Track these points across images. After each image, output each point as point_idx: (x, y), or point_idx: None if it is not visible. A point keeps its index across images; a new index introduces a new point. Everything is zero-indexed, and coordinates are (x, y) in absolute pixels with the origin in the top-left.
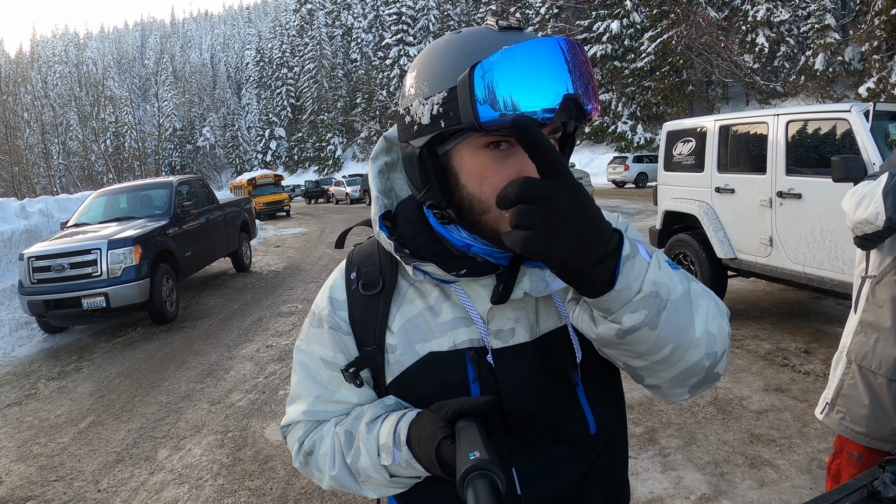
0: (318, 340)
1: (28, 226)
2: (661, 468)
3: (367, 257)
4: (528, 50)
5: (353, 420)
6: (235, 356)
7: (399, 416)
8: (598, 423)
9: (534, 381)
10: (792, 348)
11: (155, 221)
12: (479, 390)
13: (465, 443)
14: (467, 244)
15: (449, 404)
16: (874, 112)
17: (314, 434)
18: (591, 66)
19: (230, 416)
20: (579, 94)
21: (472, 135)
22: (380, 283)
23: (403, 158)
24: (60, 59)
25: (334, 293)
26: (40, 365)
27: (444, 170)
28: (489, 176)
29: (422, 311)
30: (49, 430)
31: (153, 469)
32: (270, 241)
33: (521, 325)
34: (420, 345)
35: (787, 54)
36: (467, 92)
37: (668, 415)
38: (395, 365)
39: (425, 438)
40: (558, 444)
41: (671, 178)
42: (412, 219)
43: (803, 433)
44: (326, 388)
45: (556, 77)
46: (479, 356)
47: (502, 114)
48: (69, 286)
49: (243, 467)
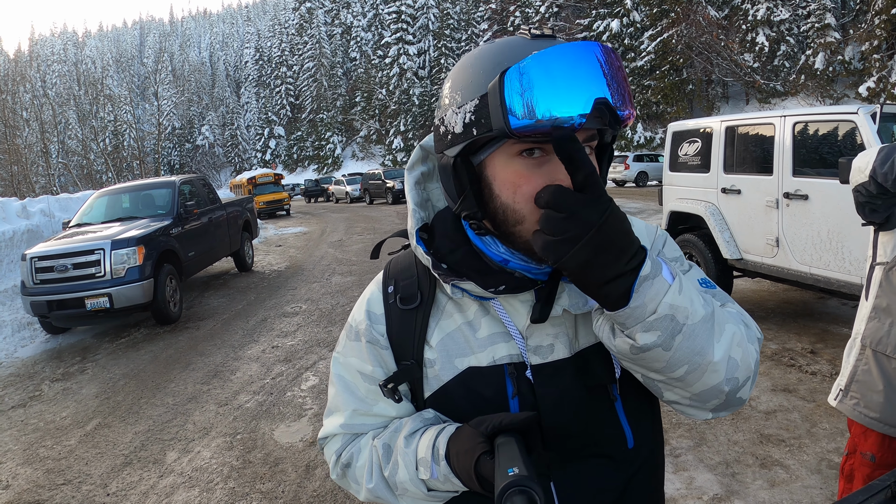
0: (355, 353)
1: (29, 226)
2: (672, 468)
3: (404, 270)
4: (559, 54)
5: (392, 433)
6: (241, 357)
7: (438, 431)
8: (636, 438)
9: (572, 397)
10: (798, 348)
11: (158, 221)
12: (518, 406)
13: (504, 459)
14: (505, 259)
15: (488, 419)
16: (881, 114)
17: (352, 447)
18: (625, 72)
19: (238, 417)
20: (613, 98)
21: (506, 143)
22: (418, 297)
23: (439, 168)
24: (59, 57)
25: (372, 307)
26: (44, 366)
27: (479, 180)
28: (522, 185)
29: (460, 325)
30: (55, 433)
31: (162, 472)
32: (271, 240)
33: (560, 340)
34: (459, 360)
35: (788, 53)
36: (497, 98)
37: (677, 416)
38: (433, 379)
39: (464, 453)
40: (596, 458)
41: (677, 178)
42: (449, 232)
43: (812, 433)
44: (364, 401)
45: (587, 81)
46: (518, 371)
47: (537, 120)
48: (72, 287)
49: (254, 470)
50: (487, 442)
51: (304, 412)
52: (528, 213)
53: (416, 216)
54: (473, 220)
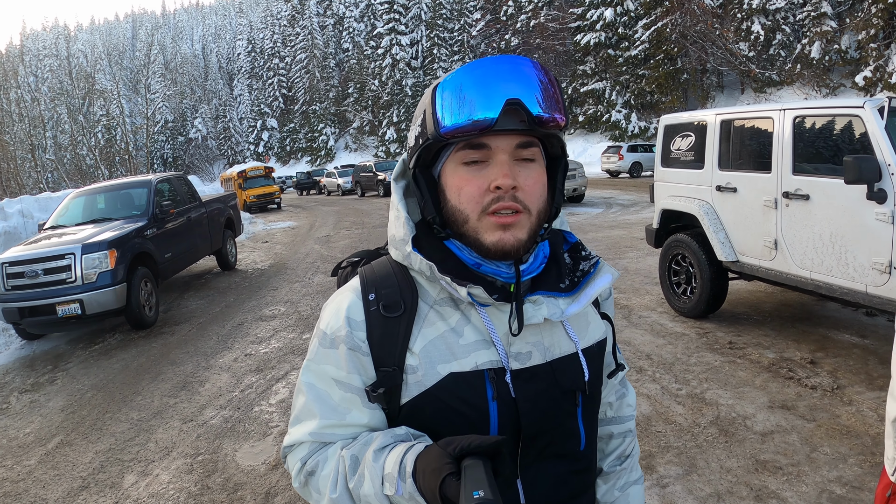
0: (331, 361)
1: (6, 227)
2: (658, 501)
3: (383, 279)
4: (477, 66)
5: (362, 446)
6: (212, 366)
7: (407, 448)
8: (587, 441)
9: (545, 400)
10: (797, 358)
11: (132, 223)
12: (497, 408)
13: (471, 481)
14: (477, 263)
15: (457, 441)
16: (889, 108)
17: (318, 455)
18: (550, 81)
19: (201, 435)
20: (527, 100)
21: (452, 152)
22: (401, 305)
23: (411, 181)
24: (50, 52)
25: (352, 314)
26: (14, 376)
27: (436, 189)
28: (464, 187)
29: (444, 332)
30: (17, 451)
31: (118, 498)
32: (259, 236)
33: (537, 348)
34: (442, 366)
35: (783, 42)
36: (431, 107)
37: (666, 437)
38: (413, 385)
39: (430, 473)
40: (556, 457)
41: (669, 174)
42: (433, 239)
43: (812, 459)
44: (336, 409)
45: (501, 86)
46: (498, 376)
47: (459, 123)
48: (43, 293)
49: (211, 497)
50: (455, 463)
51: (269, 430)
52: (470, 212)
53: (408, 225)
54: (434, 226)
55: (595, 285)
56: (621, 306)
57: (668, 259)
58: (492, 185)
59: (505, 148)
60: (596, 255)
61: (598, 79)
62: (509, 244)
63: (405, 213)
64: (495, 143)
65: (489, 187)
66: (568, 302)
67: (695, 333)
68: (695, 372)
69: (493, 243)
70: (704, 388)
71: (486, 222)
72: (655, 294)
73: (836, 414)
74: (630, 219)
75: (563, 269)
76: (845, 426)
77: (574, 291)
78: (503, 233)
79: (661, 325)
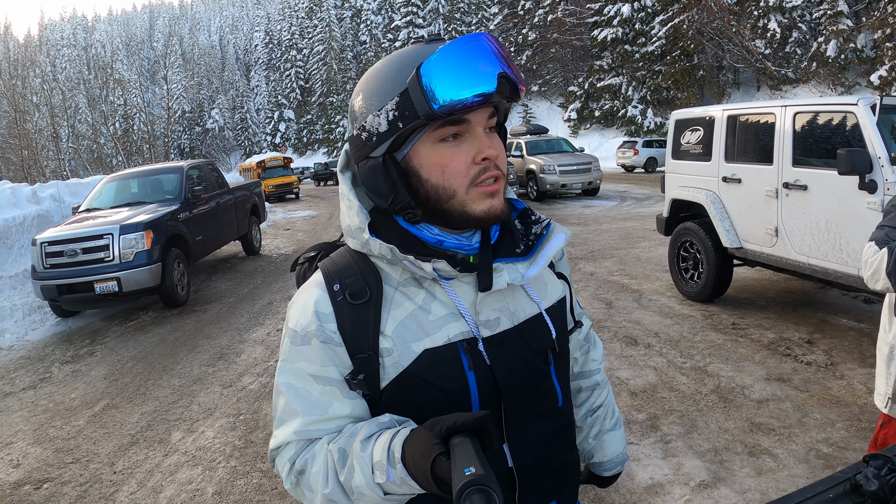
0: (304, 358)
1: (40, 211)
2: (661, 454)
3: (345, 269)
4: (462, 43)
5: (348, 438)
6: (246, 340)
7: (393, 434)
8: (563, 397)
9: (519, 363)
10: (795, 338)
11: (166, 206)
12: (475, 378)
13: (461, 459)
14: (440, 240)
15: (442, 420)
16: (881, 105)
17: (305, 453)
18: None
19: (242, 399)
20: (510, 72)
21: (426, 132)
22: (367, 291)
23: (365, 174)
24: (69, 42)
25: (319, 307)
26: (54, 349)
27: (406, 172)
28: (449, 164)
29: (412, 311)
30: (64, 414)
31: (167, 451)
32: (280, 223)
33: (504, 314)
34: (415, 343)
35: (799, 40)
36: (418, 88)
37: (670, 402)
38: (391, 367)
39: (419, 455)
40: (537, 417)
41: (679, 166)
42: (389, 222)
43: (802, 423)
44: (317, 405)
45: (489, 62)
46: (471, 346)
47: (457, 99)
48: (82, 271)
49: (255, 449)
50: (443, 443)
51: None
52: (458, 186)
53: (363, 213)
54: (408, 210)
55: (550, 246)
56: (632, 291)
57: (676, 246)
58: (478, 157)
59: (481, 121)
60: (546, 217)
61: (614, 74)
62: (499, 209)
63: (357, 202)
64: (475, 118)
65: (474, 160)
66: (526, 265)
67: (700, 315)
68: (699, 348)
69: (483, 211)
70: (707, 362)
71: (474, 193)
72: (665, 280)
73: (827, 386)
74: (644, 211)
75: (516, 234)
76: (836, 397)
77: (530, 255)
78: (492, 200)
79: (669, 307)
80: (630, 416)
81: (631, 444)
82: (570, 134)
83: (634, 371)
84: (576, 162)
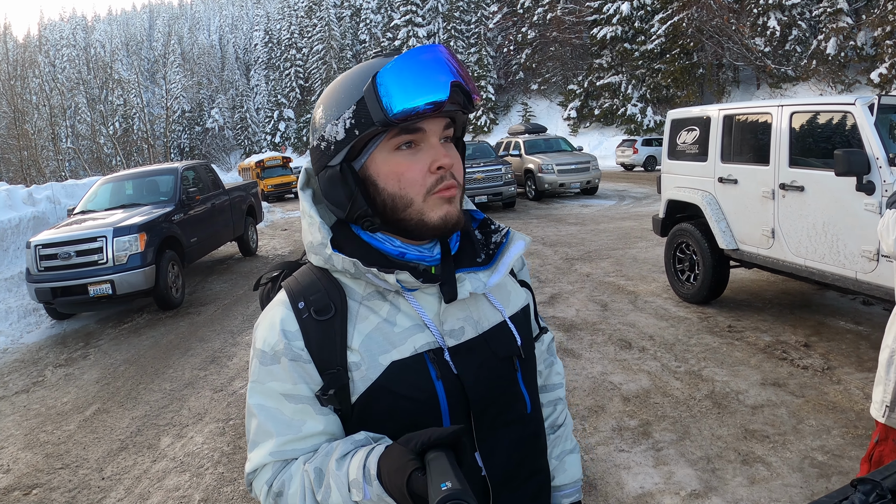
0: (274, 377)
1: (35, 213)
2: (653, 462)
3: (308, 286)
4: (417, 54)
5: (323, 457)
6: (239, 343)
7: (368, 451)
8: (531, 402)
9: (486, 371)
10: (792, 341)
11: (160, 208)
12: (444, 387)
13: (436, 474)
14: (401, 252)
15: (416, 436)
16: (879, 105)
17: (282, 475)
18: (462, 64)
19: (232, 403)
20: (463, 82)
21: (382, 141)
22: (331, 307)
23: (324, 184)
24: (68, 42)
25: (285, 325)
26: (48, 352)
27: (364, 181)
28: (405, 172)
29: (378, 324)
30: (55, 418)
31: (156, 457)
32: (278, 224)
33: (468, 323)
34: (383, 356)
35: (799, 38)
36: (374, 95)
37: (663, 408)
38: (360, 381)
39: (395, 472)
40: (508, 424)
41: (675, 166)
42: (351, 237)
43: (798, 430)
44: (291, 424)
45: (442, 71)
46: (437, 356)
47: (410, 106)
48: (75, 273)
49: (243, 455)
50: (418, 459)
51: None
52: (414, 195)
53: (324, 229)
54: (366, 219)
55: (510, 254)
56: (628, 292)
57: (672, 247)
58: (433, 165)
59: (436, 131)
60: (505, 226)
61: (614, 73)
62: (455, 216)
63: (318, 218)
64: (430, 127)
65: (430, 168)
66: (488, 274)
67: (696, 317)
68: (694, 352)
69: (441, 217)
70: (702, 366)
71: (431, 201)
72: (661, 282)
73: (824, 391)
74: (642, 211)
75: (476, 244)
76: (832, 402)
77: (491, 263)
78: (449, 206)
79: (664, 309)
80: (622, 422)
81: (622, 452)
82: (569, 132)
83: (628, 375)
84: (574, 161)
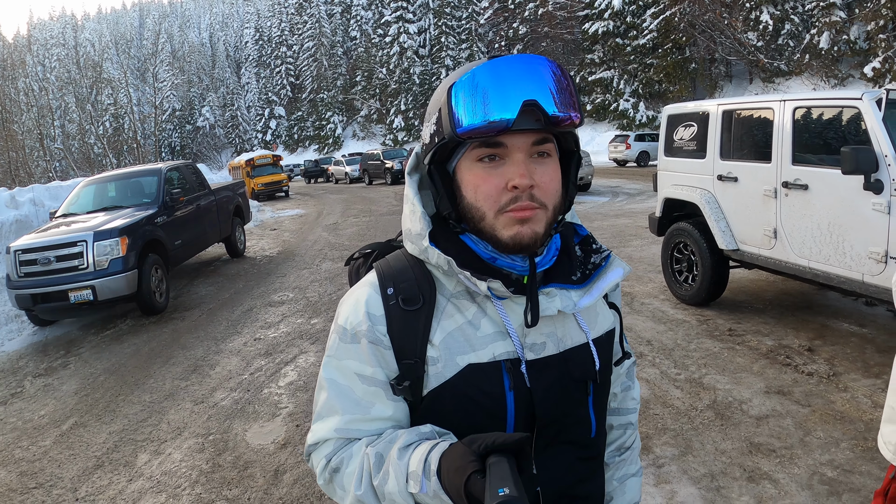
0: (353, 356)
1: (18, 216)
2: (654, 480)
3: (400, 273)
4: (493, 66)
5: (386, 443)
6: (222, 350)
7: (431, 446)
8: (597, 428)
9: (558, 389)
10: (795, 345)
11: (143, 210)
12: (514, 398)
13: (496, 478)
14: (492, 257)
15: (481, 438)
16: (888, 100)
17: (343, 452)
18: (565, 79)
19: (213, 416)
20: (543, 100)
21: (468, 149)
22: (420, 298)
23: (426, 177)
24: (58, 41)
25: (371, 308)
26: (28, 361)
27: (452, 185)
28: (481, 185)
29: (462, 325)
30: (32, 433)
31: (132, 476)
32: (267, 223)
33: (551, 339)
34: (461, 357)
35: (792, 32)
36: (447, 108)
37: (664, 419)
38: (434, 377)
39: (455, 471)
40: (566, 444)
41: (672, 163)
42: (448, 232)
43: (805, 442)
44: (360, 404)
45: (517, 87)
46: (514, 367)
47: (476, 124)
48: (56, 279)
49: (222, 474)
50: (479, 461)
51: (278, 411)
52: (487, 209)
53: (425, 220)
54: (451, 221)
55: (607, 279)
56: (624, 293)
57: (670, 247)
58: (509, 184)
59: (521, 146)
60: (607, 248)
61: (605, 68)
62: (527, 237)
63: (420, 207)
64: (512, 142)
65: (506, 186)
66: (580, 294)
67: (695, 320)
68: (694, 357)
69: (510, 237)
70: (703, 373)
71: (504, 219)
72: (658, 282)
73: (830, 400)
74: (636, 208)
75: (574, 261)
76: (839, 412)
77: (586, 284)
78: (521, 227)
79: (662, 311)
80: None
81: None
82: None
83: None
84: None
